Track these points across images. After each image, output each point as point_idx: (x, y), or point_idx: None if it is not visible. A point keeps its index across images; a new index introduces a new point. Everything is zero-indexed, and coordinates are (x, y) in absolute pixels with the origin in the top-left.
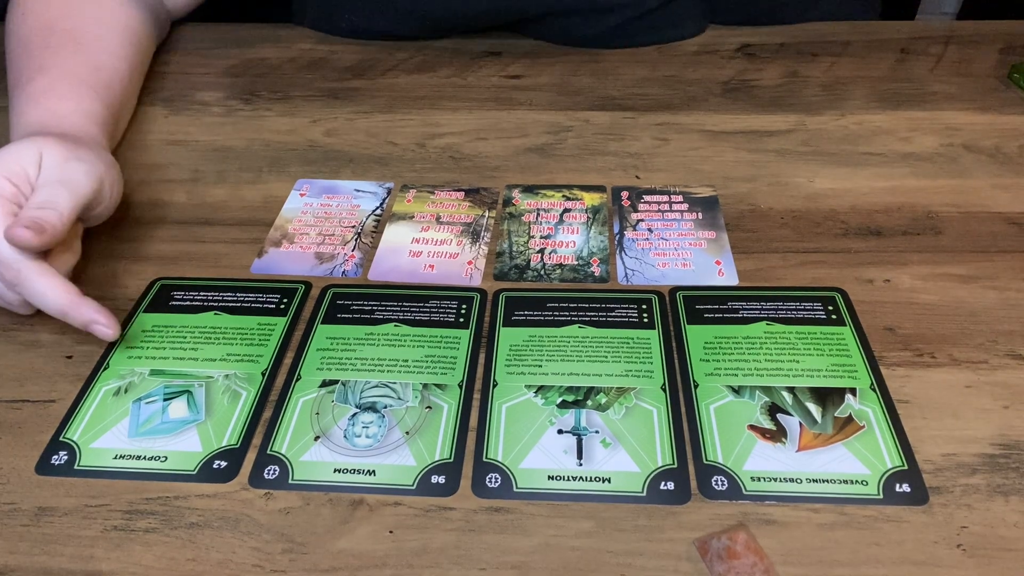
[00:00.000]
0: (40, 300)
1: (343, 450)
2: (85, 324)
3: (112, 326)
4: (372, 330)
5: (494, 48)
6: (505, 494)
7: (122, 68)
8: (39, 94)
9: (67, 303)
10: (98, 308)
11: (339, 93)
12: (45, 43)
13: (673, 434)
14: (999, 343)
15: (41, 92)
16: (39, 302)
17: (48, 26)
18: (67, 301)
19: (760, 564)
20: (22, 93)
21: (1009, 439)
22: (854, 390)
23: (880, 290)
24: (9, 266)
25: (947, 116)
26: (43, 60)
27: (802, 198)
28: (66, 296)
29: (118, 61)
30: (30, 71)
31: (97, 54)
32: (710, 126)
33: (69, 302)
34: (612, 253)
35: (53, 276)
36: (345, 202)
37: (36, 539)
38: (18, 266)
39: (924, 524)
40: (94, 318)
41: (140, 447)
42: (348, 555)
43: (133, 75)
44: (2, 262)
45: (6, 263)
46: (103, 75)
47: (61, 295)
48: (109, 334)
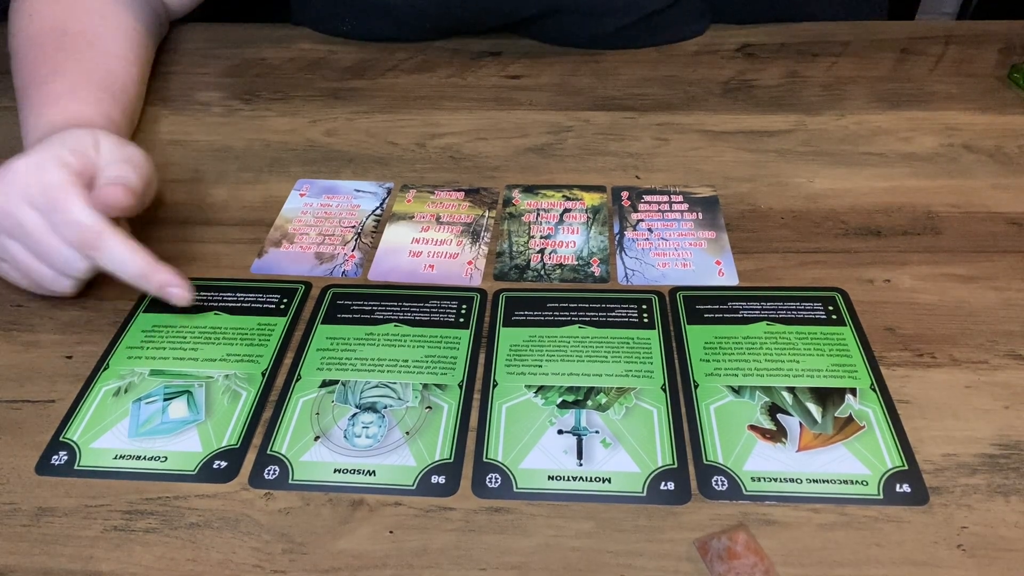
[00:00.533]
0: (120, 263)
1: (343, 450)
2: (161, 286)
3: (188, 289)
4: (372, 330)
5: (494, 48)
6: (505, 494)
7: (133, 71)
8: (59, 96)
9: (147, 266)
10: (174, 272)
11: (339, 93)
12: (58, 45)
13: (673, 434)
14: (999, 343)
15: (61, 95)
16: (118, 265)
17: (59, 28)
18: (147, 264)
19: (760, 564)
20: (38, 93)
21: (1009, 439)
22: (854, 390)
23: (880, 290)
24: (92, 228)
25: (947, 116)
26: (57, 62)
27: (802, 198)
28: (145, 260)
29: (129, 64)
30: (45, 72)
31: (110, 58)
32: (710, 126)
33: (148, 264)
34: (612, 253)
35: (132, 241)
36: (345, 202)
37: (36, 539)
38: (100, 229)
39: (924, 524)
40: (171, 280)
41: (140, 447)
42: (348, 555)
43: (143, 78)
44: (86, 226)
45: (88, 226)
46: (118, 79)
47: (140, 259)
48: (186, 296)
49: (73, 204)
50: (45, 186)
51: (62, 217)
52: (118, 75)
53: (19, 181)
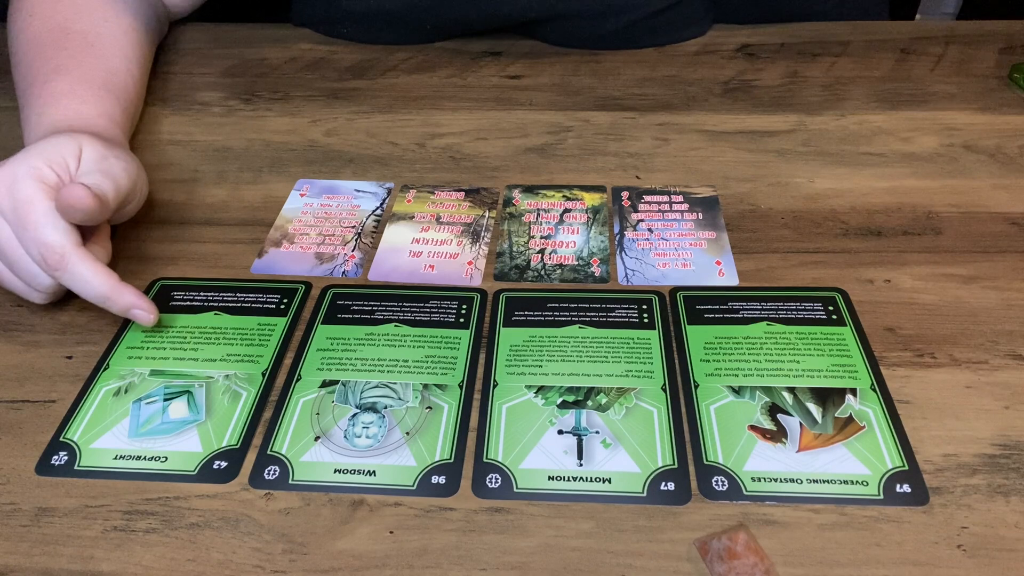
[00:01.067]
0: (82, 285)
1: (343, 450)
2: (125, 309)
3: (151, 311)
4: (372, 330)
5: (494, 48)
6: (505, 494)
7: (135, 71)
8: (60, 95)
9: (109, 288)
10: (138, 294)
11: (339, 93)
12: (60, 44)
13: (673, 434)
14: (999, 343)
15: (62, 93)
16: (80, 287)
17: (60, 27)
18: (109, 286)
19: (760, 565)
20: (40, 92)
21: (1009, 439)
22: (854, 390)
23: (880, 290)
24: (54, 250)
25: (947, 116)
26: (59, 61)
27: (802, 198)
28: (108, 282)
29: (131, 64)
30: (47, 71)
31: (111, 57)
32: (710, 126)
33: (111, 287)
34: (612, 253)
35: (95, 262)
36: (345, 202)
37: (36, 539)
38: (63, 251)
39: (924, 524)
40: (135, 303)
41: (140, 447)
42: (348, 555)
43: (143, 77)
44: (49, 246)
45: (52, 247)
46: (119, 79)
47: (104, 280)
48: (149, 319)
49: (39, 223)
50: (16, 201)
51: (29, 235)
52: (119, 75)
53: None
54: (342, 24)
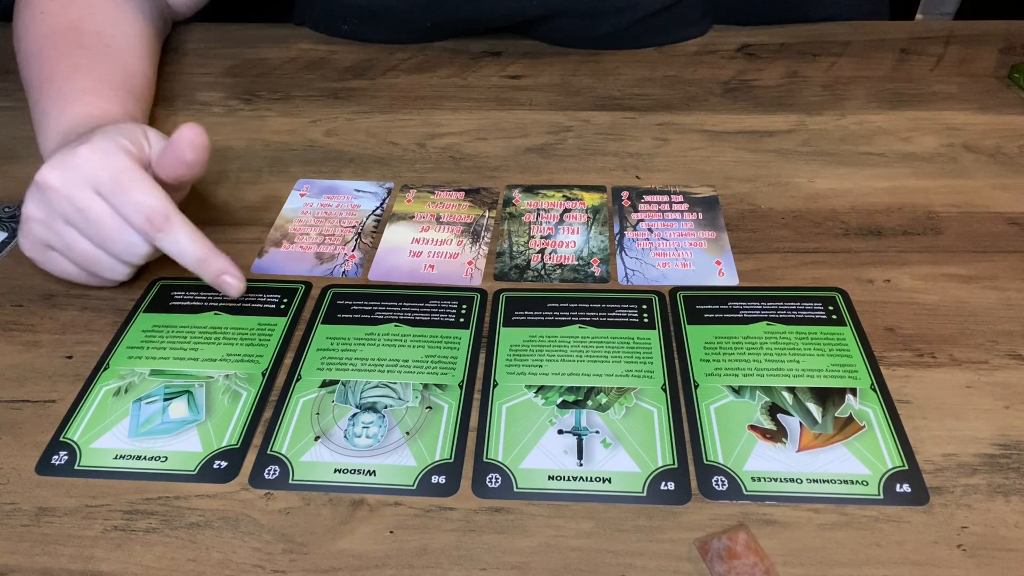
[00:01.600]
0: (183, 247)
1: (343, 450)
2: (218, 274)
3: (240, 280)
4: (372, 330)
5: (494, 48)
6: (505, 494)
7: (148, 72)
8: (83, 92)
9: (208, 251)
10: (230, 262)
11: (339, 93)
12: (75, 43)
13: (673, 434)
14: (999, 343)
15: (84, 91)
16: (180, 249)
17: (74, 26)
18: (208, 250)
19: (761, 564)
20: (59, 88)
21: (1009, 439)
22: (854, 390)
23: (880, 290)
24: (159, 211)
25: (947, 116)
26: (77, 59)
27: (802, 198)
28: (207, 246)
29: (145, 66)
30: (64, 68)
31: (128, 59)
32: (710, 126)
33: (210, 250)
34: (612, 253)
35: (194, 228)
36: (345, 202)
37: (36, 539)
38: (167, 212)
39: (924, 524)
40: (227, 268)
41: (140, 447)
42: (348, 555)
43: (154, 78)
44: (154, 208)
45: (157, 209)
46: (136, 81)
47: (202, 245)
48: (238, 287)
49: (142, 186)
50: (113, 171)
51: (131, 199)
52: (135, 75)
53: (84, 167)
54: (343, 22)
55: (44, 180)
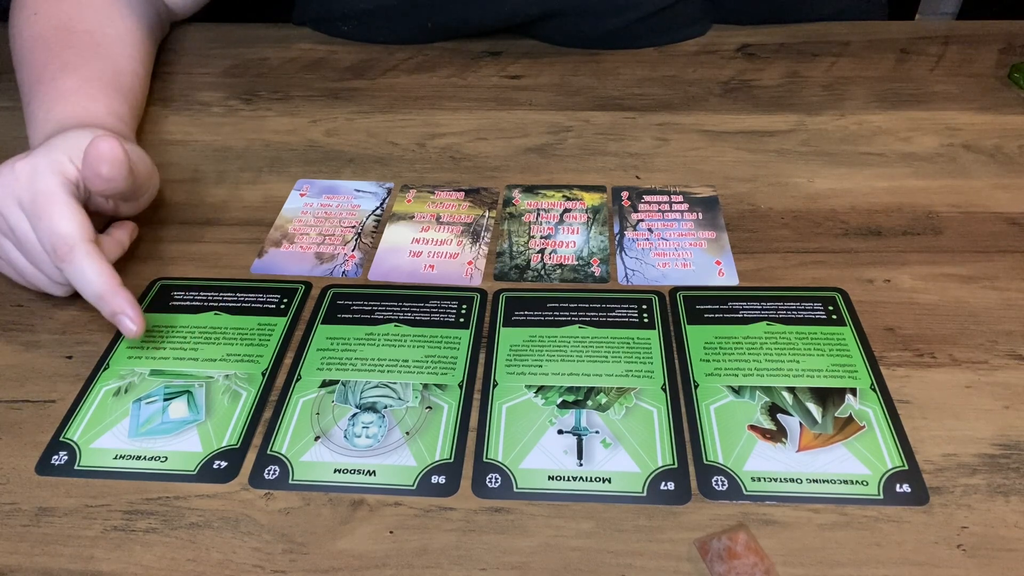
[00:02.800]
0: (82, 280)
1: (343, 450)
2: (113, 313)
3: (138, 322)
4: (372, 330)
5: (494, 48)
6: (505, 494)
7: (140, 71)
8: (69, 92)
9: (106, 289)
10: (132, 303)
11: (339, 93)
12: (66, 43)
13: (673, 434)
14: (999, 343)
15: (71, 91)
16: (80, 281)
17: (66, 26)
18: (106, 287)
19: (761, 564)
20: (47, 89)
21: (1009, 439)
22: (854, 390)
23: (880, 290)
24: (65, 241)
25: (947, 116)
26: (66, 59)
27: (802, 198)
28: (107, 282)
29: (136, 64)
30: (53, 69)
31: (117, 57)
32: (710, 126)
33: (108, 288)
34: (612, 253)
35: (101, 261)
36: (345, 202)
37: (36, 539)
38: (72, 242)
39: (924, 524)
40: (124, 309)
41: (140, 447)
42: (348, 555)
43: (147, 78)
44: (60, 236)
45: (63, 237)
46: (125, 79)
47: (103, 280)
48: (133, 330)
49: (55, 213)
50: (35, 192)
51: (43, 224)
52: (125, 74)
53: (14, 184)
54: (343, 22)
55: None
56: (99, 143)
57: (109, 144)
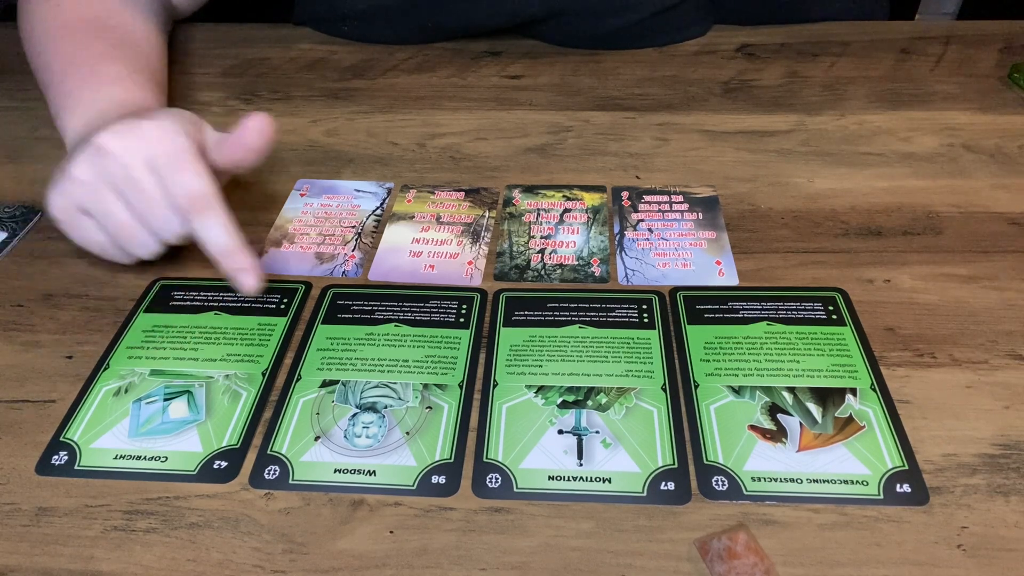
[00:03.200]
0: (213, 236)
1: (343, 450)
2: (237, 269)
3: (258, 280)
4: (372, 330)
5: (494, 48)
6: (505, 494)
7: (165, 71)
8: (119, 78)
9: (235, 246)
10: (256, 263)
11: (339, 93)
12: (98, 34)
13: (673, 434)
14: (999, 343)
15: (120, 77)
16: (211, 237)
17: (95, 19)
18: (236, 245)
19: (761, 564)
20: (92, 72)
21: (1009, 439)
22: (854, 390)
23: (880, 290)
24: (203, 195)
25: (947, 116)
26: (103, 49)
27: (802, 198)
28: (236, 240)
29: (162, 63)
30: (92, 55)
31: (148, 54)
32: (710, 126)
33: (237, 246)
34: (612, 253)
35: (230, 221)
36: (345, 202)
37: (36, 539)
38: (211, 199)
39: (924, 524)
40: (248, 265)
41: (140, 447)
42: (348, 555)
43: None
44: (199, 190)
45: (202, 191)
46: (158, 77)
47: (232, 238)
48: (253, 286)
49: (195, 168)
50: (173, 149)
51: (181, 178)
52: (157, 72)
53: (146, 139)
54: (343, 22)
55: (105, 144)
56: (255, 116)
57: (264, 119)
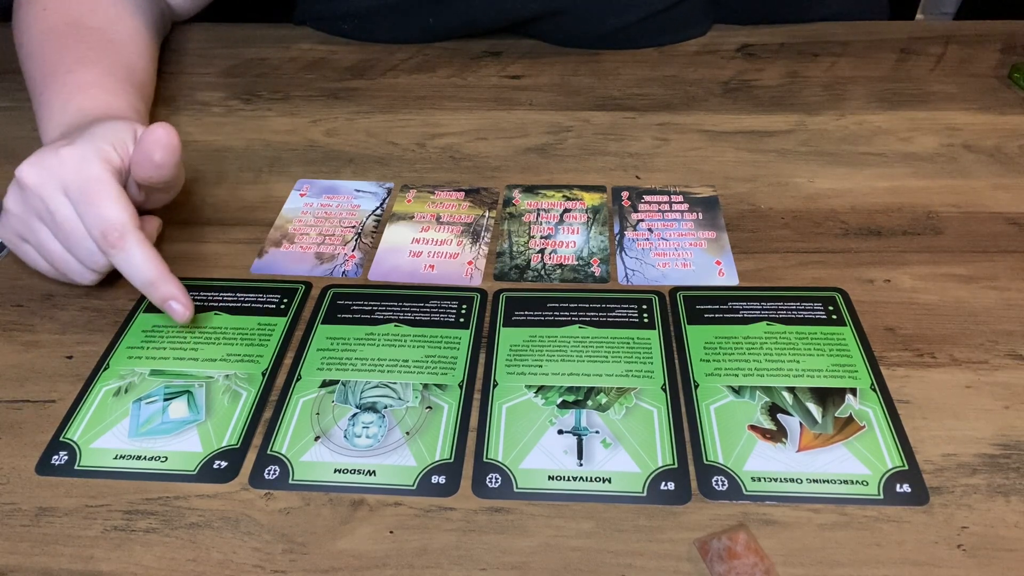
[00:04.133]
0: (132, 267)
1: (343, 450)
2: (164, 299)
3: (188, 308)
4: (372, 330)
5: (494, 48)
6: (505, 494)
7: (150, 69)
8: (88, 85)
9: (156, 275)
10: (181, 288)
11: (339, 93)
12: (78, 37)
13: (673, 434)
14: (999, 343)
15: (90, 84)
16: (130, 268)
17: (77, 21)
18: (157, 273)
19: (761, 564)
20: (64, 81)
21: (1009, 439)
22: (854, 390)
23: (880, 290)
24: (116, 227)
25: (947, 116)
26: (80, 53)
27: (802, 198)
28: (158, 268)
29: (146, 62)
30: (68, 61)
31: (130, 55)
32: (710, 126)
33: (159, 274)
34: (612, 253)
35: (150, 248)
36: (345, 202)
37: (36, 539)
38: (124, 229)
39: (924, 524)
40: (174, 295)
41: (140, 447)
42: (348, 555)
43: (155, 75)
44: (111, 223)
45: (114, 224)
46: (138, 76)
47: (153, 267)
48: (185, 314)
49: (106, 199)
50: (84, 178)
51: (92, 210)
52: (137, 71)
53: (59, 169)
54: (344, 21)
55: (21, 177)
56: (157, 129)
57: (167, 131)
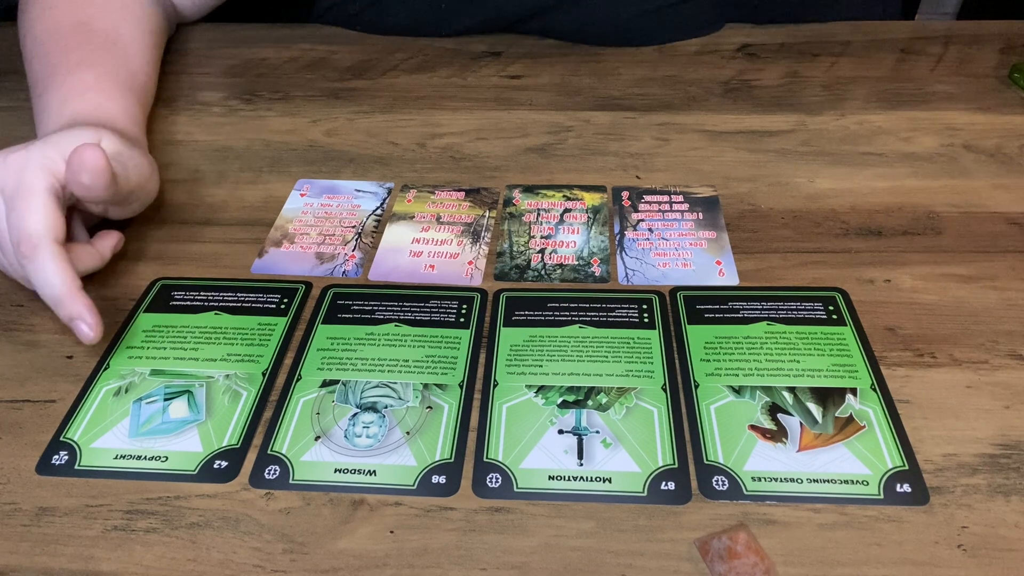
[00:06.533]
0: (41, 280)
1: (344, 450)
2: (71, 318)
3: (95, 329)
4: (372, 330)
5: (494, 48)
6: (506, 494)
7: (152, 73)
8: (86, 88)
9: (64, 292)
10: (90, 307)
11: (339, 93)
12: (82, 39)
13: (674, 434)
14: (1000, 343)
15: (88, 87)
16: (39, 282)
17: (82, 22)
18: (65, 290)
19: (761, 564)
20: (63, 81)
21: (1010, 439)
22: (855, 390)
23: (880, 290)
24: (30, 239)
25: (947, 116)
26: (83, 55)
27: (802, 198)
28: (67, 285)
29: (148, 66)
30: (69, 63)
31: (133, 58)
32: (710, 126)
33: (67, 291)
34: (612, 253)
35: (64, 263)
36: (345, 202)
37: (36, 539)
38: (37, 241)
39: (925, 524)
40: (82, 315)
41: (140, 447)
42: (349, 555)
43: (156, 79)
44: (26, 233)
45: (29, 235)
46: (139, 79)
47: (62, 283)
48: (90, 336)
49: (29, 209)
50: (17, 186)
51: (15, 219)
52: (139, 76)
53: (4, 172)
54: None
55: None
56: (83, 151)
57: (93, 153)
